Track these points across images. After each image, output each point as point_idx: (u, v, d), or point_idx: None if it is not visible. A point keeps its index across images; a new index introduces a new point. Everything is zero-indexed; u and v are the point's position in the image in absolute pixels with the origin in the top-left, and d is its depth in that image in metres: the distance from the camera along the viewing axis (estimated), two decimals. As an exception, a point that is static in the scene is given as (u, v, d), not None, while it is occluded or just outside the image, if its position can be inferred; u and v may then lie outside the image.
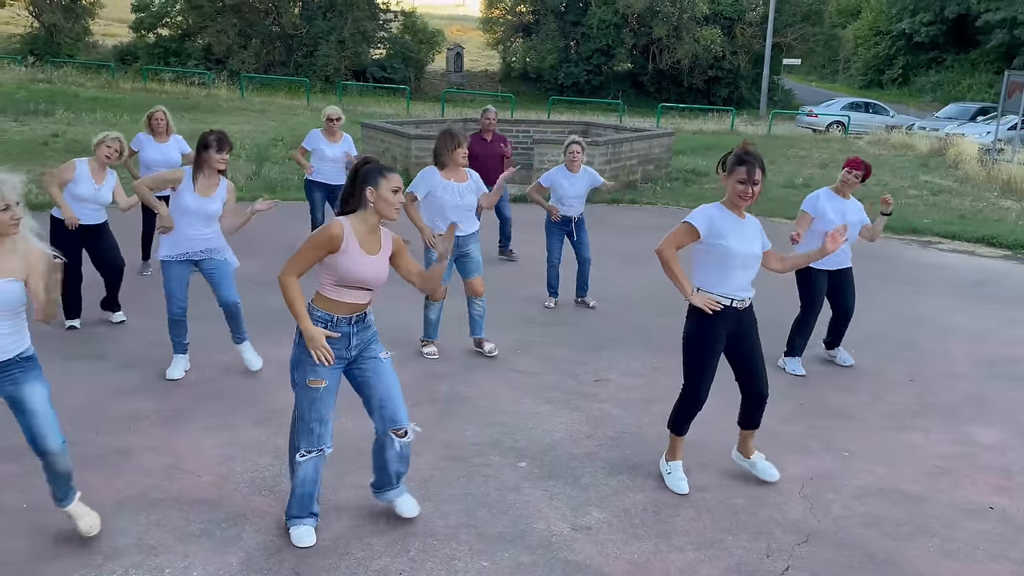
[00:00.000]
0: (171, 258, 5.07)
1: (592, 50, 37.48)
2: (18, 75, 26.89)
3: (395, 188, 3.37)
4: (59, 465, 3.35)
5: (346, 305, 3.40)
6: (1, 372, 3.20)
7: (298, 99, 28.06)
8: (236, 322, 5.36)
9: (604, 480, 4.19)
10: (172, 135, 7.44)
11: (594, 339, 6.43)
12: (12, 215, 3.08)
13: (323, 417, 3.44)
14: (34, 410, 3.23)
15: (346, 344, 3.44)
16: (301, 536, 3.52)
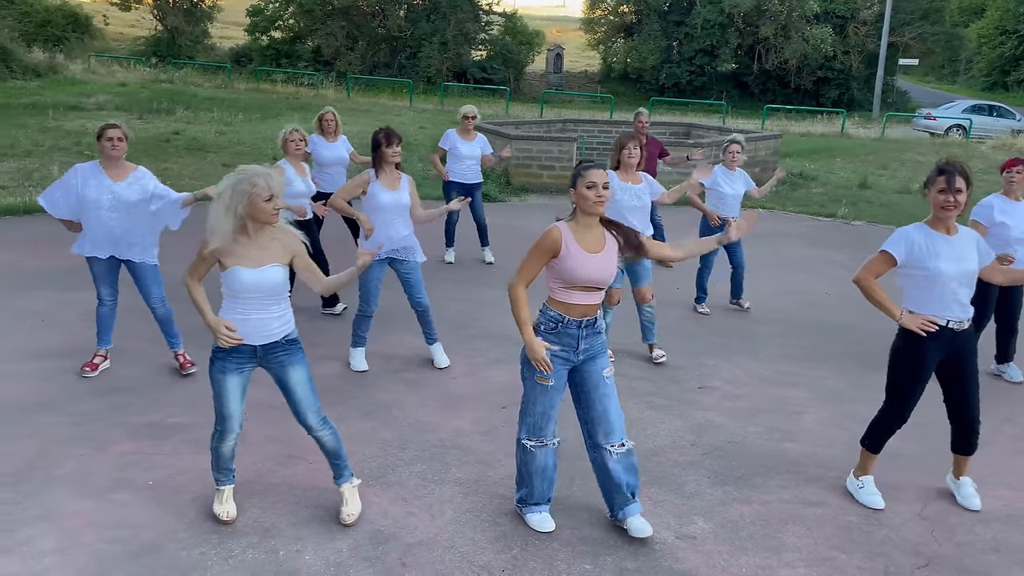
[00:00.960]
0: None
1: (695, 50, 36.82)
2: (142, 75, 28.52)
3: (589, 184, 3.38)
4: (324, 441, 3.57)
5: (577, 307, 3.44)
6: (268, 354, 3.42)
7: (401, 100, 28.69)
8: (427, 324, 5.56)
9: (709, 490, 4.10)
10: (340, 135, 7.70)
11: (698, 345, 6.30)
12: (275, 205, 3.28)
13: (547, 412, 3.51)
14: (295, 390, 3.46)
15: (574, 347, 3.47)
16: (542, 522, 3.65)
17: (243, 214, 3.27)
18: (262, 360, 3.45)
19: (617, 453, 3.53)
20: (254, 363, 3.46)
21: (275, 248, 3.37)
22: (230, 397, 3.43)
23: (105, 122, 4.94)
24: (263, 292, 3.34)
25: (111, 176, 4.92)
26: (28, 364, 5.32)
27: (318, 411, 3.54)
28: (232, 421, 3.47)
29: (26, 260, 7.79)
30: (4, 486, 3.81)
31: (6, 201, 10.18)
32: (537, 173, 13.32)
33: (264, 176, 3.27)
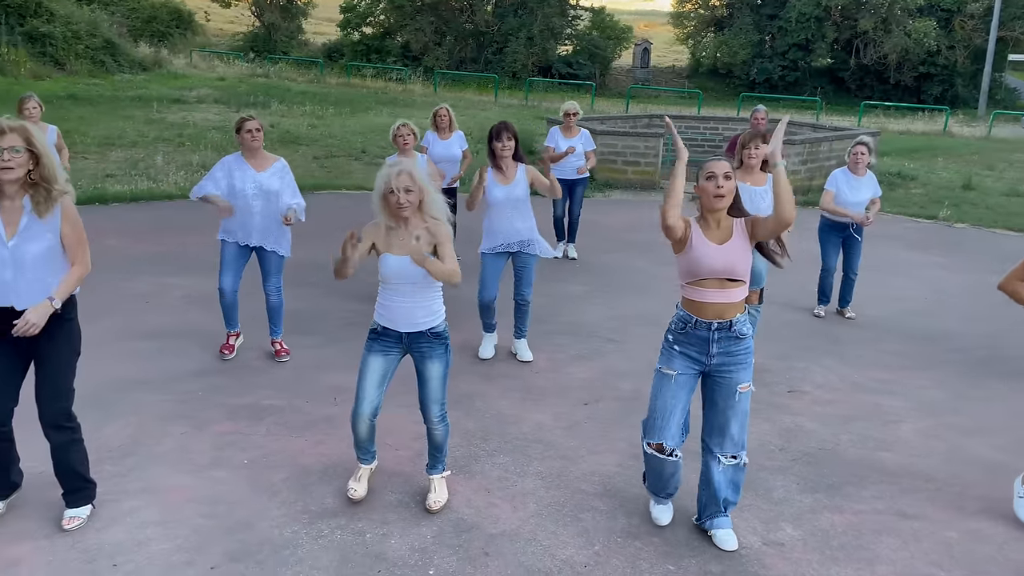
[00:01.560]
0: (488, 251, 5.44)
1: (789, 44, 35.77)
2: (240, 70, 29.59)
3: (708, 174, 3.29)
4: (435, 435, 3.70)
5: (709, 307, 3.30)
6: (413, 342, 3.55)
7: (487, 95, 28.89)
8: (522, 318, 5.64)
9: (798, 497, 3.98)
10: (455, 131, 7.83)
11: (788, 348, 6.13)
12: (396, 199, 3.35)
13: (667, 408, 3.39)
14: (428, 383, 3.58)
15: (704, 351, 3.34)
16: (660, 515, 3.66)
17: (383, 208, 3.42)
18: (408, 347, 3.57)
19: (726, 464, 3.47)
20: (400, 349, 3.58)
21: (423, 238, 3.45)
22: (368, 378, 3.56)
23: (244, 115, 5.16)
24: (407, 279, 3.44)
25: (254, 166, 5.13)
26: (133, 344, 5.60)
27: (442, 406, 3.66)
28: (363, 403, 3.57)
29: (132, 245, 8.20)
30: (111, 459, 4.02)
31: (114, 189, 10.74)
32: (621, 169, 13.21)
33: (386, 170, 3.39)
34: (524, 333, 5.70)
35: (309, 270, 7.44)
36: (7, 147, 3.06)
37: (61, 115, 16.37)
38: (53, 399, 3.31)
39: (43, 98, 7.56)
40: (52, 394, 3.30)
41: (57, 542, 3.34)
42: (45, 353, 3.28)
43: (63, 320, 3.29)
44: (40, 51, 22.93)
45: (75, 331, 3.37)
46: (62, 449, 3.40)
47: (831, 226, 6.79)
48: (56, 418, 3.33)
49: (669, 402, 3.41)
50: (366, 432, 3.68)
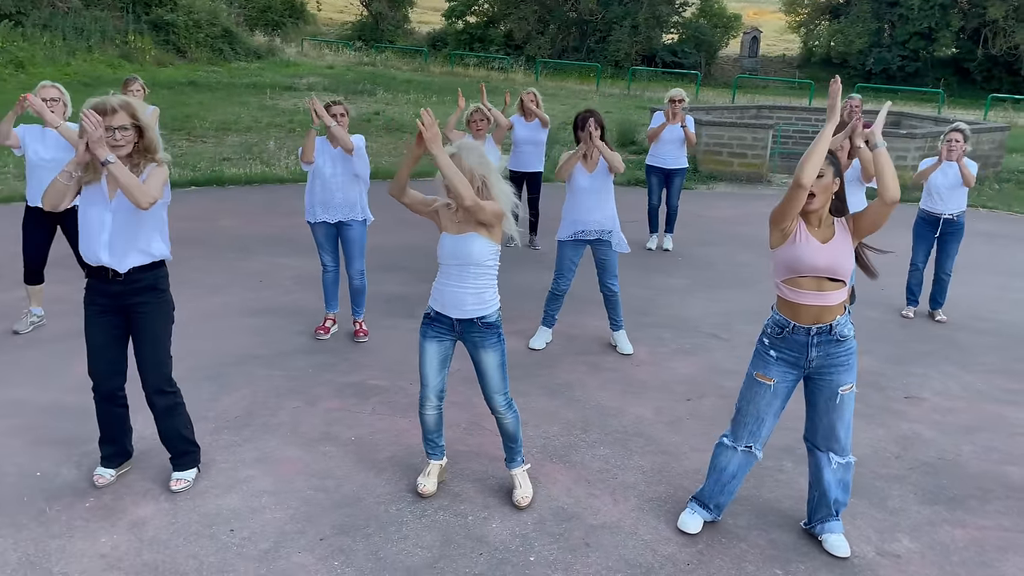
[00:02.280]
0: (566, 238, 5.42)
1: (910, 33, 33.92)
2: (348, 58, 30.41)
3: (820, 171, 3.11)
4: (505, 425, 3.64)
5: (807, 309, 3.15)
6: (465, 331, 3.50)
7: (588, 84, 28.67)
8: (614, 309, 5.60)
9: (915, 507, 3.79)
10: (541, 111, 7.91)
11: (904, 352, 5.84)
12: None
13: (759, 415, 3.30)
14: (485, 373, 3.54)
15: (803, 355, 3.21)
16: (685, 520, 3.51)
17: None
18: (460, 335, 3.52)
19: (836, 463, 3.35)
20: (453, 336, 3.54)
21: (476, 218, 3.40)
22: (427, 363, 3.55)
23: (331, 99, 5.29)
24: (460, 260, 3.40)
25: (334, 145, 5.28)
26: (249, 320, 5.84)
27: (505, 395, 3.59)
28: (427, 389, 3.58)
29: (246, 226, 8.56)
30: (228, 429, 4.21)
31: (230, 172, 11.23)
32: (727, 161, 12.87)
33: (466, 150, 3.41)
34: (620, 324, 5.63)
35: (406, 255, 7.58)
36: (117, 126, 3.23)
37: (182, 100, 17.25)
38: (154, 367, 3.49)
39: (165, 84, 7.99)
40: (153, 362, 3.48)
41: (179, 505, 3.52)
42: (142, 324, 3.45)
43: (157, 292, 3.46)
44: (164, 39, 24.19)
45: (168, 302, 3.53)
46: (166, 413, 3.58)
47: (925, 220, 6.46)
48: (159, 383, 3.51)
49: (763, 410, 3.30)
50: (433, 420, 3.65)
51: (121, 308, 3.43)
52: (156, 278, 3.46)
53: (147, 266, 3.41)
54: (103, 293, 3.42)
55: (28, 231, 5.34)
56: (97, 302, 3.44)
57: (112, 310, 3.44)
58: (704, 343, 5.83)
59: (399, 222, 8.84)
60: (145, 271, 3.41)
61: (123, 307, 3.43)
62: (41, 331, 5.46)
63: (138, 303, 3.43)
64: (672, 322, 6.24)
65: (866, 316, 6.52)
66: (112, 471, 3.68)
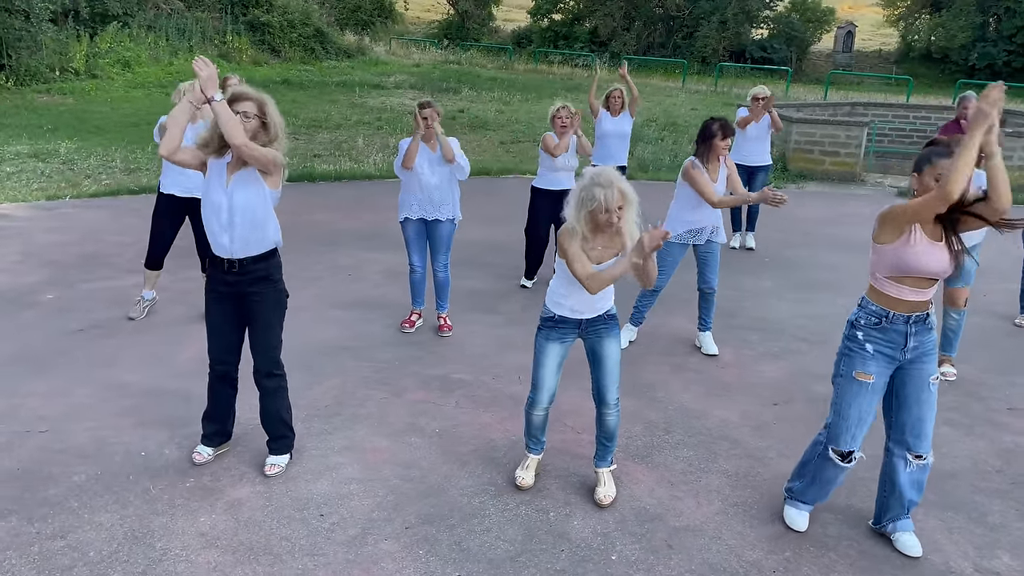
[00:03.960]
0: (674, 239, 5.37)
1: (1017, 27, 32.12)
2: (434, 56, 30.81)
3: (937, 175, 3.03)
4: (609, 421, 3.66)
5: (905, 303, 3.15)
6: (590, 326, 3.55)
7: (674, 80, 28.26)
8: (708, 308, 5.56)
9: (1018, 523, 3.61)
10: (625, 111, 7.91)
11: (1008, 361, 5.56)
12: (610, 218, 3.27)
13: (862, 416, 3.25)
14: (606, 362, 3.56)
15: (901, 345, 3.18)
16: (796, 518, 3.52)
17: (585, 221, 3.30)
18: (583, 332, 3.56)
19: (916, 464, 3.26)
20: (576, 335, 3.57)
21: (619, 243, 3.39)
22: (547, 367, 3.55)
23: (423, 100, 5.44)
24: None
25: (429, 147, 5.39)
26: (338, 312, 6.02)
27: (618, 388, 3.62)
28: (543, 392, 3.59)
29: (337, 220, 8.80)
30: (319, 417, 4.36)
31: (321, 168, 11.56)
32: (819, 159, 12.49)
33: (606, 190, 3.22)
34: (709, 325, 5.55)
35: (491, 251, 7.66)
36: (242, 111, 3.42)
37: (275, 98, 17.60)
38: (266, 349, 3.67)
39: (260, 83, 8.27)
40: (265, 345, 3.67)
41: (273, 488, 3.67)
42: (256, 311, 3.63)
43: (271, 281, 3.63)
44: (259, 39, 25.05)
45: (282, 291, 3.70)
46: (272, 395, 3.75)
47: None
48: (269, 365, 3.69)
49: (864, 409, 3.23)
50: (541, 421, 3.71)
51: (238, 295, 3.63)
52: (269, 268, 3.64)
53: (261, 256, 3.59)
54: (222, 282, 3.62)
55: (158, 217, 5.66)
56: (217, 289, 3.65)
57: (229, 297, 3.64)
58: (792, 346, 5.69)
59: (483, 219, 8.94)
60: (259, 261, 3.59)
61: (240, 295, 3.63)
62: (152, 318, 5.75)
63: (253, 292, 3.61)
64: (759, 324, 6.12)
65: (969, 323, 6.23)
66: (211, 450, 3.87)
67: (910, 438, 3.25)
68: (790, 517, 3.54)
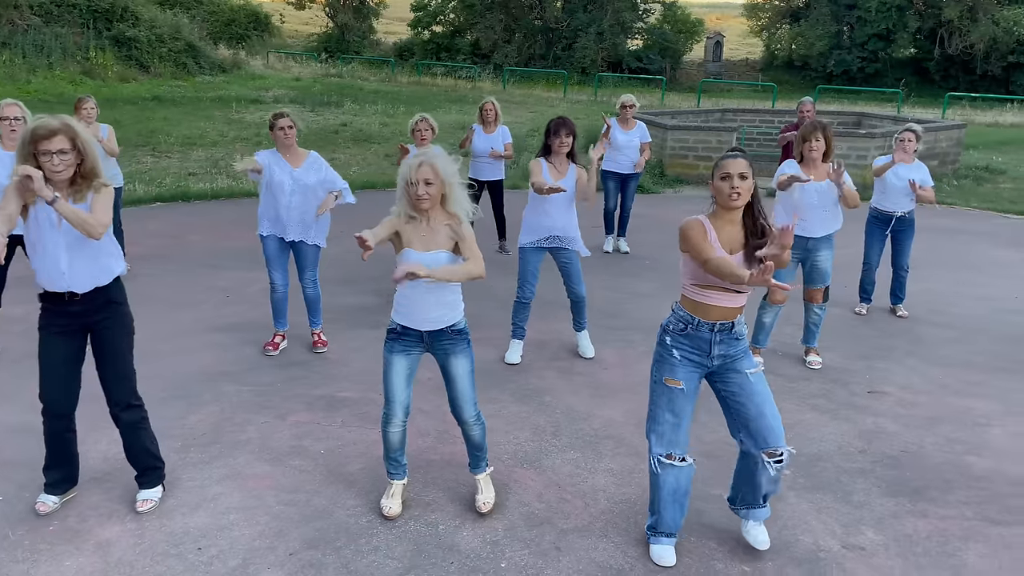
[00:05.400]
0: (529, 245, 5.37)
1: (868, 35, 34.61)
2: (314, 70, 30.28)
3: (723, 175, 3.08)
4: (472, 436, 3.60)
5: (713, 309, 3.15)
6: (435, 341, 3.45)
7: (556, 91, 28.84)
8: (579, 313, 5.59)
9: (880, 500, 3.86)
10: (500, 126, 7.94)
11: (868, 347, 5.94)
12: (417, 191, 3.24)
13: (676, 420, 3.23)
14: (456, 381, 3.48)
15: (706, 352, 3.20)
16: (660, 555, 3.33)
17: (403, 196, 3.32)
18: (429, 346, 3.48)
19: (772, 463, 3.20)
20: (421, 348, 3.49)
21: (445, 234, 3.37)
22: (394, 378, 3.45)
23: (277, 112, 5.23)
24: None
25: (290, 162, 5.24)
26: (217, 335, 5.79)
27: (475, 404, 3.54)
28: (395, 406, 3.47)
29: (214, 241, 8.48)
30: (196, 447, 4.18)
31: (197, 187, 11.13)
32: (693, 164, 13.01)
33: (412, 162, 3.26)
34: (584, 325, 5.64)
35: (369, 266, 7.57)
36: (56, 151, 3.15)
37: (146, 116, 17.06)
38: (122, 380, 3.48)
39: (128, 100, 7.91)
40: (120, 376, 3.47)
41: (145, 525, 3.48)
42: (105, 340, 3.43)
43: (116, 305, 3.44)
44: (126, 54, 23.91)
45: (128, 314, 3.52)
46: (133, 428, 3.56)
47: (877, 219, 6.54)
48: (127, 396, 3.50)
49: (676, 413, 3.23)
50: (398, 438, 3.54)
51: (81, 327, 3.40)
52: (113, 292, 3.44)
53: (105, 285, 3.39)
54: (62, 314, 3.38)
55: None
56: (55, 323, 3.39)
57: (71, 331, 3.41)
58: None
59: (367, 233, 8.83)
60: (103, 287, 3.39)
61: (84, 326, 3.41)
62: (2, 354, 5.37)
63: (101, 320, 3.41)
64: (640, 325, 6.29)
65: (829, 314, 6.62)
66: (56, 498, 3.61)
67: (757, 436, 3.21)
68: (654, 554, 3.35)
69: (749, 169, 3.09)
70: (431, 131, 6.50)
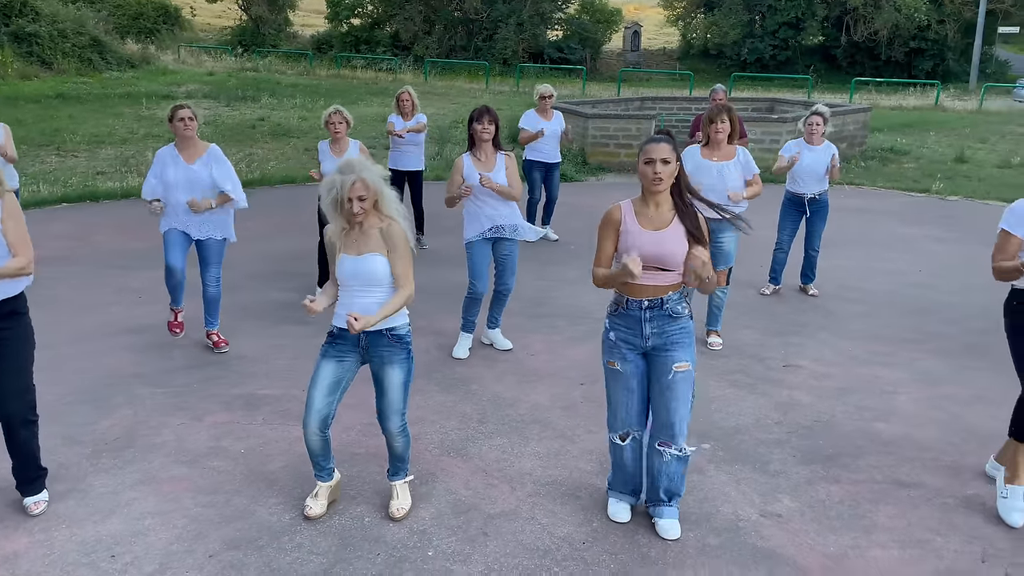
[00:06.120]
0: (476, 238, 5.26)
1: (779, 23, 35.61)
2: (229, 64, 29.43)
3: (647, 160, 3.15)
4: (395, 447, 3.50)
5: (638, 288, 3.22)
6: (372, 347, 3.33)
7: (478, 82, 28.77)
8: (500, 306, 5.54)
9: (795, 469, 3.99)
10: (417, 114, 7.86)
11: (783, 324, 6.14)
12: (350, 208, 3.17)
13: (624, 401, 3.34)
14: (388, 391, 3.37)
15: (639, 331, 3.26)
16: (616, 512, 3.53)
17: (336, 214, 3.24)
18: (366, 352, 3.37)
19: (669, 454, 3.33)
20: (357, 354, 3.37)
21: (376, 238, 3.29)
22: (318, 384, 3.32)
23: (177, 103, 5.06)
24: (361, 280, 3.27)
25: (185, 157, 5.06)
26: (128, 338, 5.59)
27: (403, 416, 3.44)
28: (312, 414, 3.33)
29: (125, 242, 8.17)
30: (108, 453, 4.02)
31: (106, 186, 10.69)
32: (614, 152, 13.17)
33: (337, 178, 3.17)
34: (499, 322, 5.61)
35: (298, 261, 7.44)
36: None
37: (50, 114, 16.30)
38: (22, 393, 3.33)
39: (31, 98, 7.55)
40: (20, 389, 3.32)
41: (54, 535, 3.34)
42: (6, 352, 3.28)
43: (19, 316, 3.30)
44: (27, 51, 22.78)
45: (30, 325, 3.39)
46: (28, 442, 3.43)
47: (792, 201, 6.75)
48: (25, 411, 3.37)
49: (623, 395, 3.35)
50: (318, 446, 3.42)
51: None
52: (19, 302, 3.29)
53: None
54: None
55: None
56: None
57: None
58: (597, 328, 5.93)
59: (289, 229, 8.66)
60: (11, 297, 3.25)
61: None
62: None
63: (2, 330, 3.24)
64: (567, 311, 6.35)
65: (746, 294, 6.82)
66: None
67: (657, 427, 3.34)
68: (609, 509, 3.56)
69: (672, 154, 3.18)
70: (345, 123, 6.38)
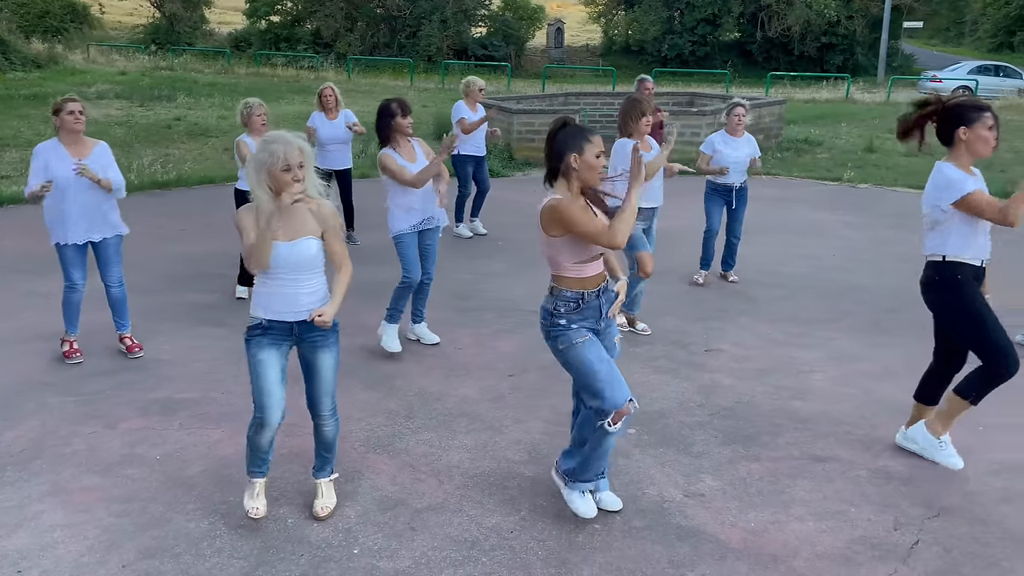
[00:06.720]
0: (409, 230, 5.15)
1: (697, 20, 36.40)
2: (142, 63, 28.44)
3: (599, 153, 3.14)
4: (325, 432, 3.42)
5: (592, 279, 3.26)
6: (304, 332, 3.24)
7: (402, 79, 28.53)
8: (423, 299, 5.47)
9: (717, 449, 4.08)
10: (342, 111, 7.74)
11: (704, 310, 6.27)
12: (293, 175, 3.04)
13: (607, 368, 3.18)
14: (320, 374, 3.29)
15: (597, 316, 3.30)
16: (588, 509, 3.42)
17: (269, 184, 3.06)
18: (298, 339, 3.26)
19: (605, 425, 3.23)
20: (290, 341, 3.27)
21: (309, 220, 3.18)
22: (268, 376, 3.20)
23: (65, 96, 4.79)
24: (292, 267, 3.15)
25: (72, 153, 4.78)
26: (36, 344, 5.33)
27: (334, 398, 3.38)
28: (272, 410, 3.22)
29: (32, 246, 7.79)
30: (13, 465, 3.83)
31: (10, 190, 10.17)
32: (540, 147, 13.16)
33: (283, 144, 3.03)
34: (424, 316, 5.56)
35: (216, 262, 7.24)
36: None
37: (-53, 116, 15.44)
38: None
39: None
40: None
41: (-45, 554, 3.16)
42: None
43: None
44: (-79, 50, 21.57)
45: None
46: None
47: (715, 190, 6.89)
48: None
49: (604, 365, 3.18)
50: (268, 444, 3.33)
51: None
52: None
53: None
54: None
55: None
56: None
57: None
58: (525, 320, 5.97)
59: (208, 230, 8.42)
60: None
61: None
62: None
63: None
64: (494, 304, 6.35)
65: (667, 282, 6.94)
66: None
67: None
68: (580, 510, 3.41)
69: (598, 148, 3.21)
70: (266, 115, 6.25)
